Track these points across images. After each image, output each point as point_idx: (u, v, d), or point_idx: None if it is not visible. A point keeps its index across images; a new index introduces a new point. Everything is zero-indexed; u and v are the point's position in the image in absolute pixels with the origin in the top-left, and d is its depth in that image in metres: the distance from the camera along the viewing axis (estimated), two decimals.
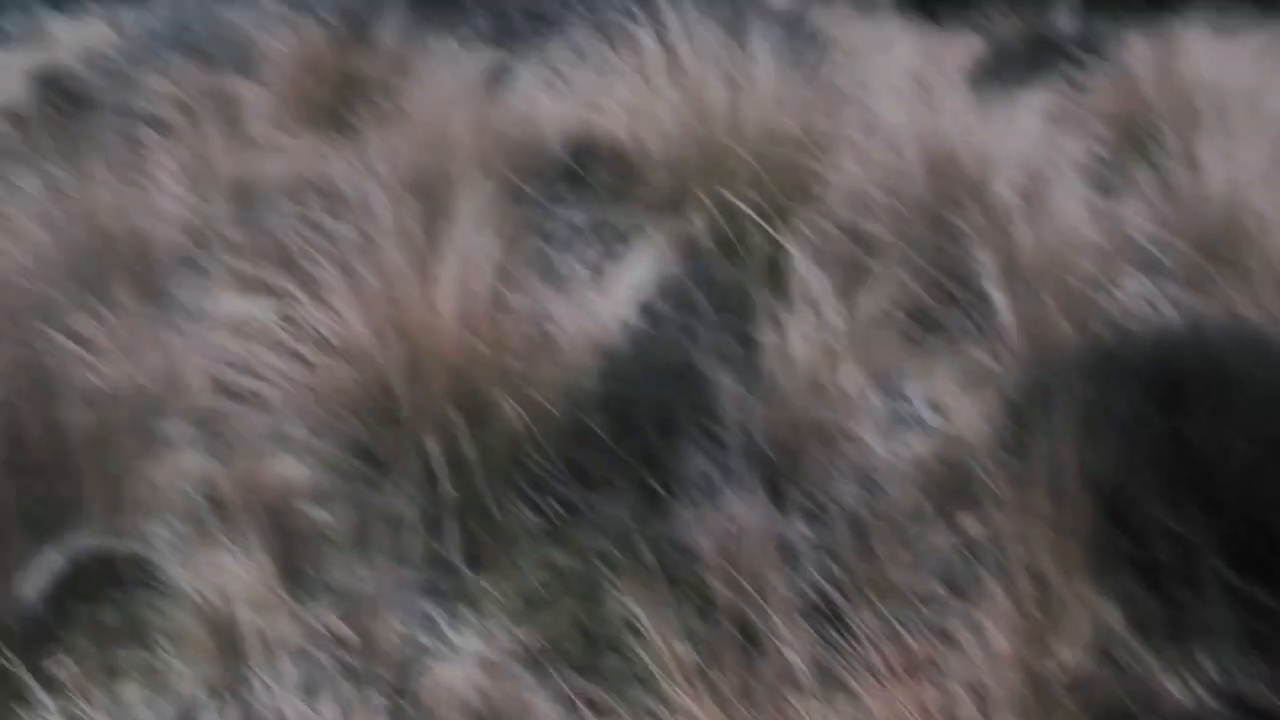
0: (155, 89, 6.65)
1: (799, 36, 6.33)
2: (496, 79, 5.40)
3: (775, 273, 3.42)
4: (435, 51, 6.54)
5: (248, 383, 2.83)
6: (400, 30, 6.80)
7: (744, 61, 4.15)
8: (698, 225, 3.34)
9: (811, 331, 2.95)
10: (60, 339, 3.09)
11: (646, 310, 2.92)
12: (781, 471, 2.60)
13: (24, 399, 2.67)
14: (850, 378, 2.90)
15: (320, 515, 2.63)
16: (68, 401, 2.77)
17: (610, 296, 2.86)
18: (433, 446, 2.54)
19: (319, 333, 2.81)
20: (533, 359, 2.72)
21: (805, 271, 3.30)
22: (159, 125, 5.87)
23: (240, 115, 5.51)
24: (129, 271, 3.78)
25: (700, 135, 3.67)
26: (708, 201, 3.40)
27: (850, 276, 3.40)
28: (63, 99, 7.27)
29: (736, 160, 3.60)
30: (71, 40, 13.42)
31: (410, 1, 7.93)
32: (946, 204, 3.71)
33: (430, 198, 3.49)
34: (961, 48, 8.33)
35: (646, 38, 4.78)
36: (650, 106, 3.91)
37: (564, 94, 4.55)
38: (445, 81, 5.48)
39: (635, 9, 6.86)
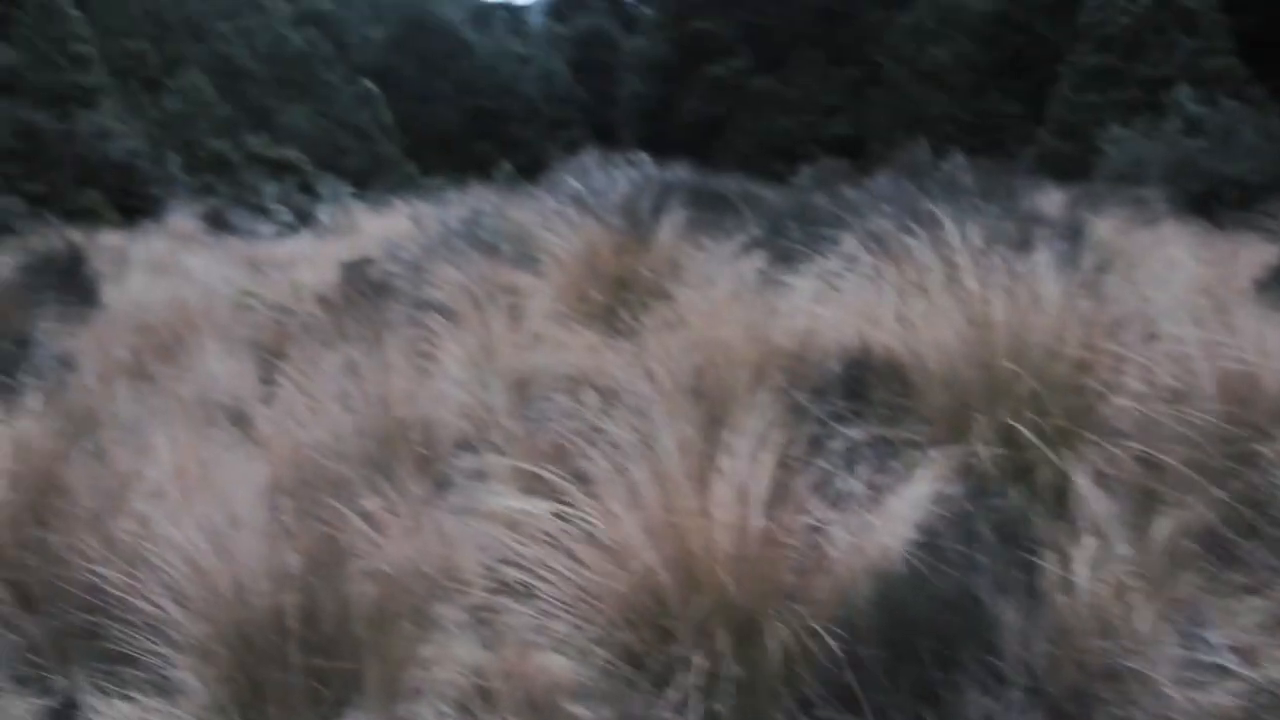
0: (447, 280, 7.19)
1: (1079, 246, 6.20)
2: (769, 283, 5.51)
3: (1060, 500, 3.26)
4: (710, 253, 6.79)
5: (520, 576, 2.89)
6: (676, 231, 7.12)
7: (1024, 274, 4.08)
8: (978, 446, 3.23)
9: (1100, 564, 2.77)
10: (352, 517, 3.28)
11: (925, 534, 2.82)
12: (1067, 715, 2.42)
13: (318, 574, 2.83)
14: (1142, 615, 2.68)
15: (583, 714, 2.62)
16: (355, 579, 2.91)
17: (887, 518, 2.78)
18: (699, 660, 2.51)
19: (592, 532, 2.86)
20: (806, 577, 2.67)
21: (1092, 499, 3.14)
22: (449, 314, 6.32)
23: (523, 308, 5.82)
24: (415, 455, 4.01)
25: (981, 352, 3.58)
26: (988, 422, 3.30)
27: (1140, 505, 3.20)
28: (366, 286, 7.94)
29: (1018, 380, 3.49)
30: (377, 232, 14.88)
31: (687, 202, 8.34)
32: (1244, 427, 3.46)
33: (706, 403, 3.55)
34: (1248, 253, 7.92)
35: (921, 248, 4.81)
36: (928, 321, 3.86)
37: (837, 303, 4.58)
38: (719, 284, 5.66)
39: (908, 217, 6.95)
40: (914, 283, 4.42)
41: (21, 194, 19.45)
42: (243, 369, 6.17)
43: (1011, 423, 3.32)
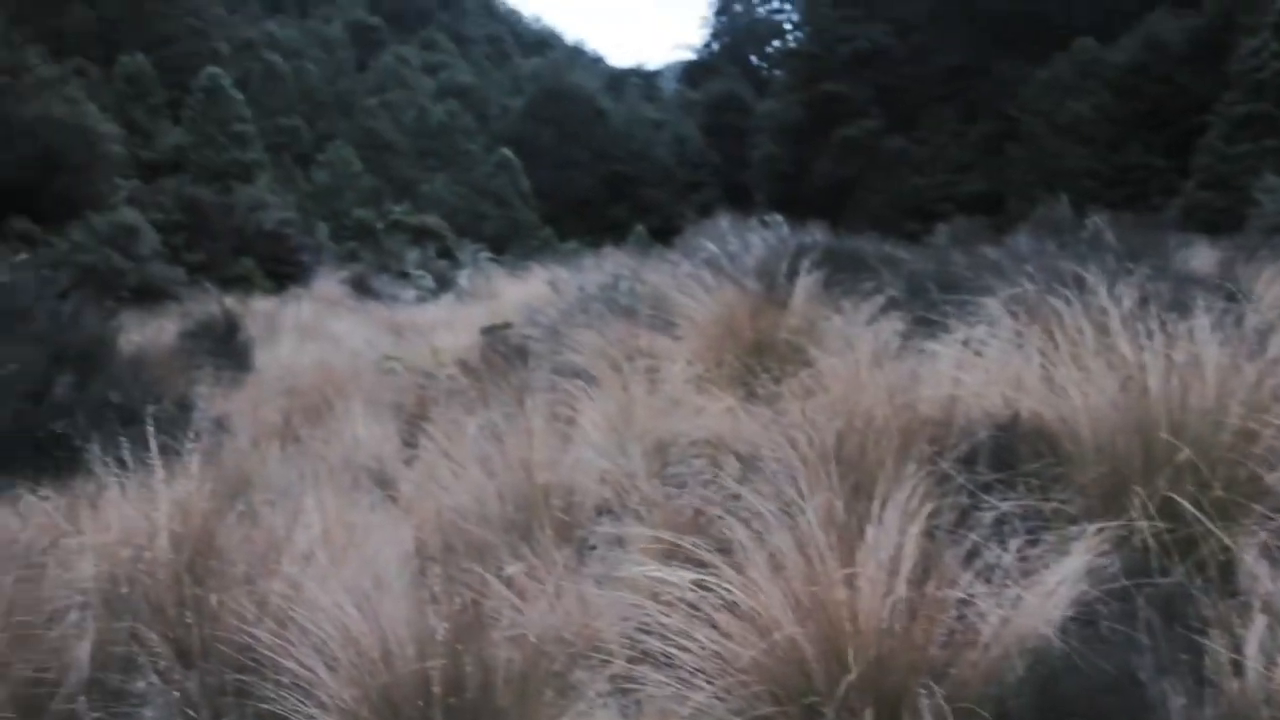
0: (585, 344, 7.28)
1: (1239, 306, 5.92)
2: (909, 347, 5.41)
3: (1226, 576, 3.09)
4: (847, 316, 6.72)
5: (661, 645, 2.86)
6: (812, 293, 7.07)
7: (1180, 337, 3.92)
8: (1136, 519, 3.09)
9: (1270, 644, 2.61)
10: (495, 582, 3.31)
11: (1081, 611, 2.70)
12: None
13: (463, 640, 2.85)
14: None
15: None
16: (499, 645, 2.93)
17: (1040, 593, 2.67)
18: None
19: (734, 601, 2.82)
20: (955, 653, 2.58)
21: (1260, 575, 2.96)
22: (587, 378, 6.38)
23: (661, 372, 5.83)
24: (556, 520, 4.04)
25: (1136, 420, 3.44)
26: (1146, 494, 3.15)
27: None
28: (505, 350, 8.09)
29: (1178, 450, 3.34)
30: (515, 297, 15.18)
31: (823, 264, 8.28)
32: None
33: (848, 470, 3.49)
34: None
35: (1068, 310, 4.66)
36: (1078, 387, 3.73)
37: (981, 368, 4.46)
38: (858, 348, 5.59)
39: (1052, 278, 6.76)
40: (1062, 347, 4.28)
41: (184, 264, 20.52)
42: (386, 432, 6.33)
43: (1171, 495, 3.17)
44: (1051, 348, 4.26)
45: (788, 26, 74.36)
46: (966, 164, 42.65)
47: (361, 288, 21.66)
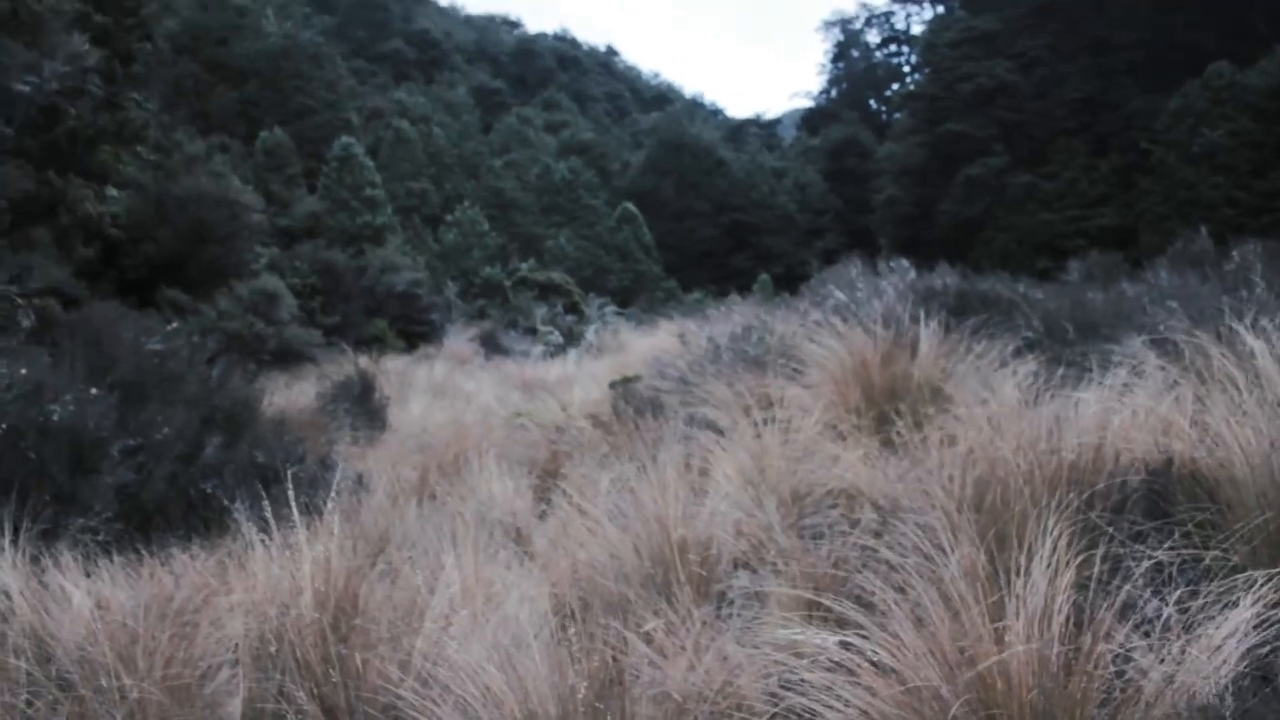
0: (716, 395, 7.26)
1: None
2: (1049, 390, 5.25)
3: None
4: (982, 359, 6.57)
5: (805, 702, 2.80)
6: (944, 337, 6.92)
7: None
8: None
9: None
10: (634, 639, 3.30)
11: (1253, 666, 2.55)
12: None
13: (603, 698, 2.85)
14: None
15: None
16: (639, 703, 2.91)
17: (1204, 646, 2.53)
18: None
19: (878, 659, 2.74)
20: (1116, 712, 2.46)
21: None
22: (719, 429, 6.36)
23: (793, 421, 5.77)
24: (692, 575, 4.01)
25: None
26: None
27: None
28: (635, 403, 8.13)
29: None
30: (643, 349, 15.30)
31: (953, 307, 8.13)
32: None
33: (991, 520, 3.39)
34: None
35: (1217, 348, 4.46)
36: (1233, 430, 3.55)
37: (1126, 411, 4.29)
38: (994, 392, 5.45)
39: (1197, 314, 6.51)
40: (1213, 388, 4.10)
41: (320, 326, 21.25)
42: (519, 487, 6.40)
43: None
44: (1202, 389, 4.07)
45: (906, 69, 73.93)
46: (1097, 198, 41.50)
47: (490, 345, 22.09)
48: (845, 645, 2.84)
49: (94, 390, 6.52)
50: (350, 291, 23.66)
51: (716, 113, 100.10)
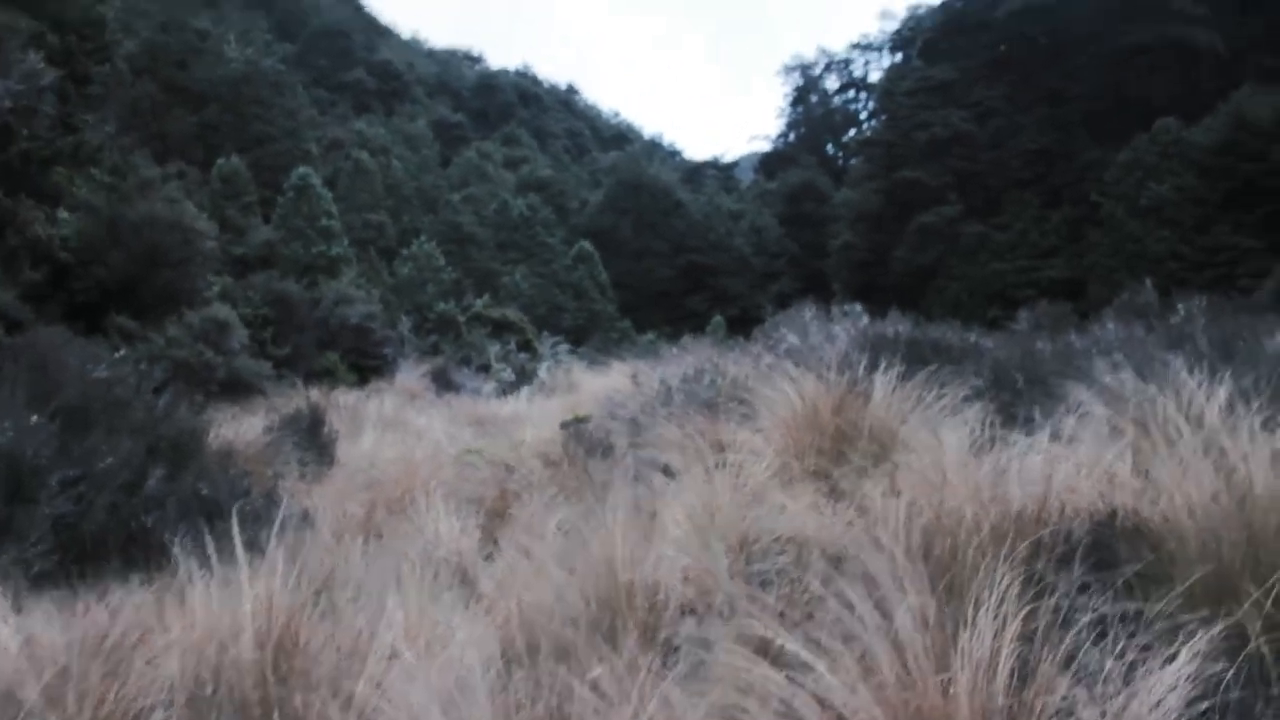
0: (666, 437, 7.25)
1: None
2: (997, 439, 5.30)
3: None
4: (932, 407, 6.62)
5: None
6: (895, 384, 6.97)
7: None
8: (1248, 622, 2.95)
9: None
10: (580, 685, 3.26)
11: (1189, 718, 2.57)
12: None
13: None
14: None
15: None
16: None
17: (1146, 701, 2.55)
18: None
19: (826, 704, 2.74)
20: None
21: None
22: (669, 472, 6.35)
23: (743, 466, 5.77)
24: (639, 619, 3.99)
25: (1242, 519, 3.31)
26: (1258, 595, 3.02)
27: None
28: (586, 444, 8.11)
29: None
30: (595, 389, 15.28)
31: (905, 354, 8.20)
32: None
33: (939, 570, 3.40)
34: None
35: (1161, 400, 4.53)
36: (1176, 483, 3.60)
37: (1072, 461, 4.34)
38: (943, 440, 5.48)
39: (1142, 366, 6.62)
40: (1157, 440, 4.15)
41: (270, 357, 21.02)
42: (467, 527, 6.34)
43: None
44: (1146, 440, 4.13)
45: (863, 115, 75.05)
46: (1048, 249, 42.25)
47: (443, 381, 21.97)
48: (790, 696, 2.83)
49: (35, 417, 6.40)
50: (303, 323, 23.46)
51: (675, 153, 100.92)
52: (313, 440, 10.20)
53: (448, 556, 5.83)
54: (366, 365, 24.20)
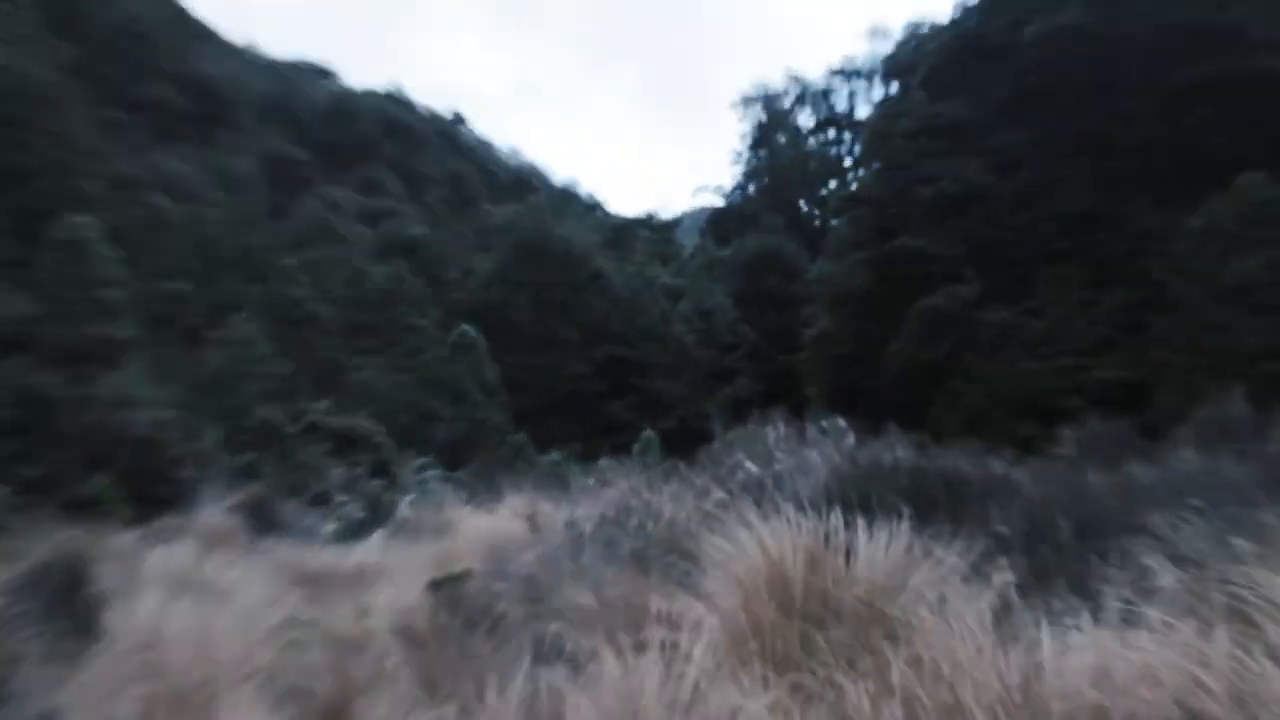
0: (574, 606, 7.15)
1: None
2: (1030, 616, 5.28)
3: None
4: (941, 569, 6.59)
5: None
6: (891, 536, 6.95)
7: None
8: None
9: None
10: None
11: None
12: None
13: None
14: None
15: None
16: None
17: None
18: None
19: None
20: None
21: None
22: (576, 660, 6.22)
23: (680, 649, 5.68)
24: None
25: None
26: None
27: None
28: (463, 613, 7.97)
29: None
30: (478, 532, 15.10)
31: (905, 492, 8.21)
32: None
33: None
34: None
35: (1259, 570, 4.55)
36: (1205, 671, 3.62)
37: (1134, 647, 4.33)
38: (956, 616, 5.44)
39: (1231, 513, 6.67)
40: (1261, 629, 4.16)
41: (13, 480, 20.52)
42: None
43: None
44: (1241, 628, 4.14)
45: (848, 162, 76.70)
46: (1098, 343, 42.86)
47: (263, 518, 21.61)
48: None
49: None
50: (64, 432, 23.01)
51: (594, 207, 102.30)
52: (68, 605, 9.88)
53: None
54: (153, 494, 23.74)
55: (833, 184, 75.88)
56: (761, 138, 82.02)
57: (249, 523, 21.10)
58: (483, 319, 57.82)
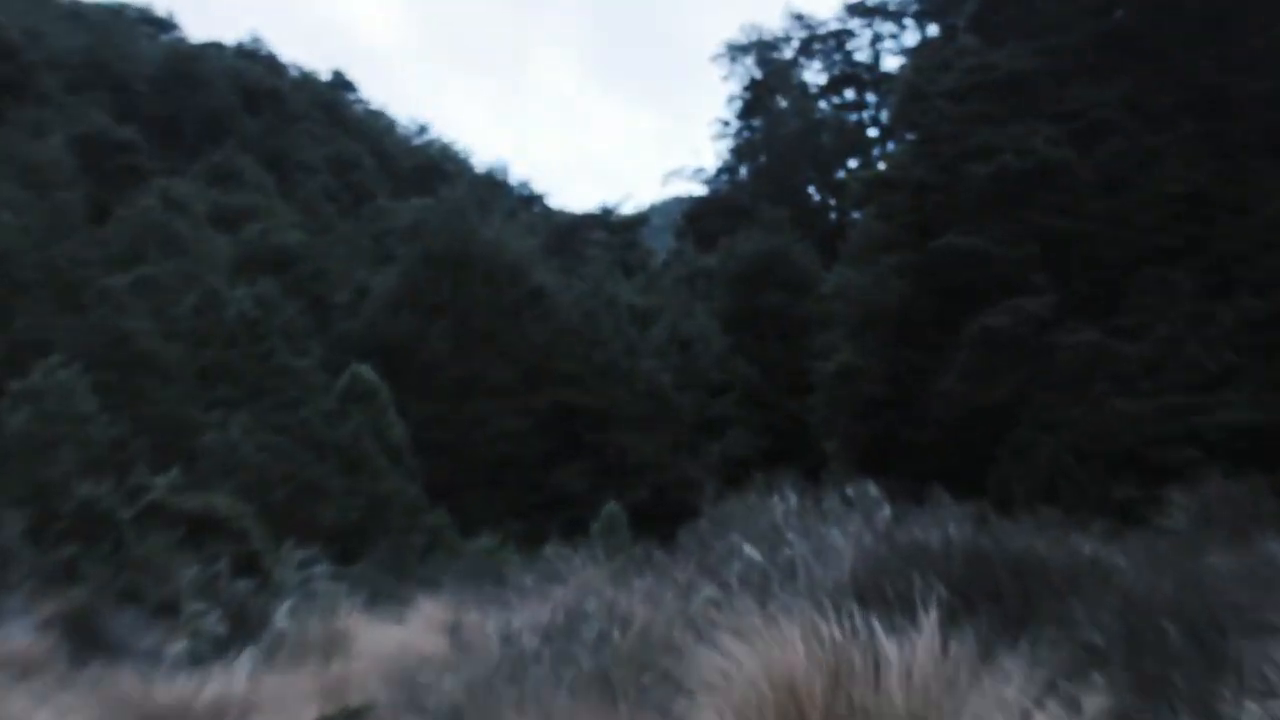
0: None
1: None
2: None
3: None
4: (1006, 684, 6.67)
5: None
6: (939, 641, 7.04)
7: None
8: None
9: None
10: None
11: None
12: None
13: None
14: None
15: None
16: None
17: None
18: None
19: None
20: None
21: None
22: None
23: None
24: None
25: None
26: None
27: None
28: None
29: None
30: (382, 649, 15.04)
31: (956, 582, 8.28)
32: None
33: None
34: None
35: None
36: None
37: None
38: None
39: None
40: None
41: None
42: None
43: None
44: None
45: (873, 133, 76.52)
46: (1219, 374, 42.79)
47: (87, 637, 21.56)
48: None
49: None
50: None
51: (532, 199, 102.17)
52: None
53: None
54: None
55: (853, 163, 75.72)
56: (755, 102, 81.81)
57: (68, 643, 21.04)
58: (383, 357, 57.75)
